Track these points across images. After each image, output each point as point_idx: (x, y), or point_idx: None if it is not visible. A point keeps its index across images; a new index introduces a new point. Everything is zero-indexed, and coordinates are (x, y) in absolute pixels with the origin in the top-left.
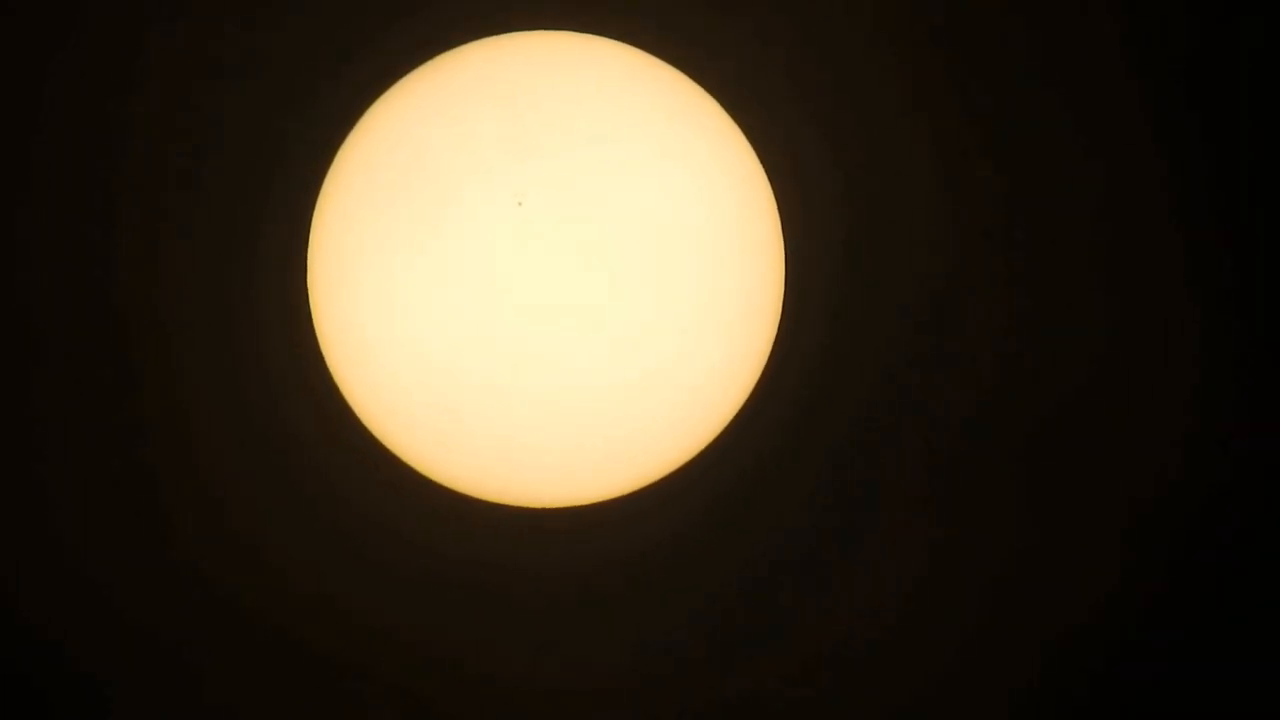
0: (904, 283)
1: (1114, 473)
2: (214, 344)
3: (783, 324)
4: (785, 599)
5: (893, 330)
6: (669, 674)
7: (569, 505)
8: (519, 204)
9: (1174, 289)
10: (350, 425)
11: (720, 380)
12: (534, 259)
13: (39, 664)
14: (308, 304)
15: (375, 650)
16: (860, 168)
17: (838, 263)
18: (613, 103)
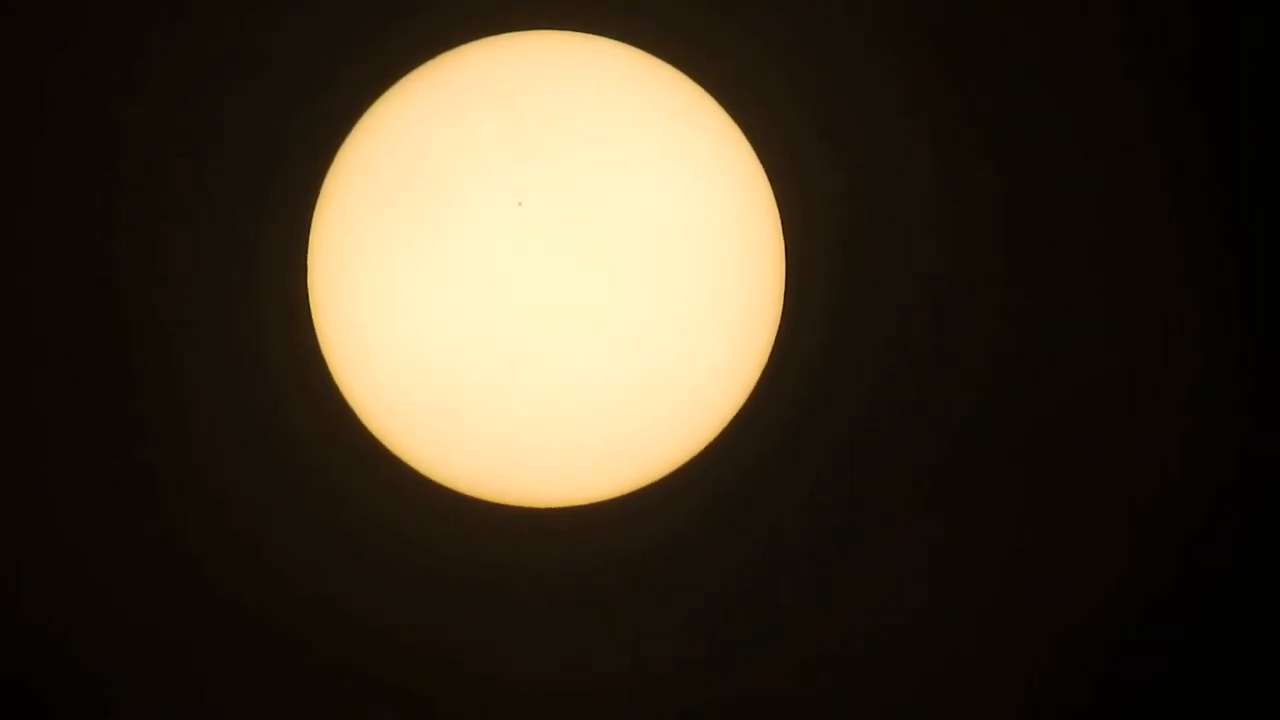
0: (904, 283)
1: (1114, 472)
2: (214, 344)
3: (783, 324)
4: (785, 599)
5: (893, 330)
6: (669, 674)
7: (569, 505)
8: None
9: (1174, 289)
10: (350, 425)
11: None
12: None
13: (39, 663)
14: (308, 304)
15: (375, 650)
16: (860, 168)
17: (838, 263)
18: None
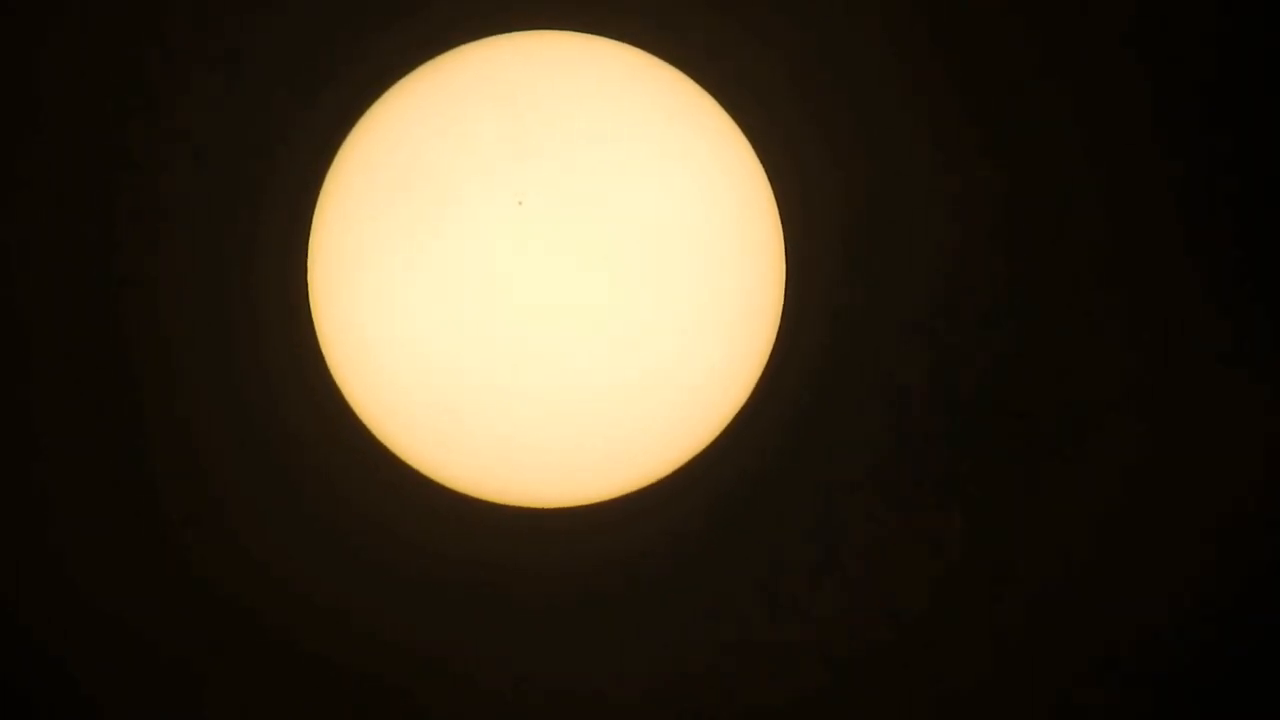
0: (904, 283)
1: (1115, 473)
2: (214, 343)
3: (783, 324)
4: (785, 599)
5: (893, 330)
6: (669, 674)
7: (569, 505)
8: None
9: (1177, 288)
10: (350, 425)
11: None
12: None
13: (38, 664)
14: (308, 304)
15: (375, 650)
16: (860, 167)
17: (838, 263)
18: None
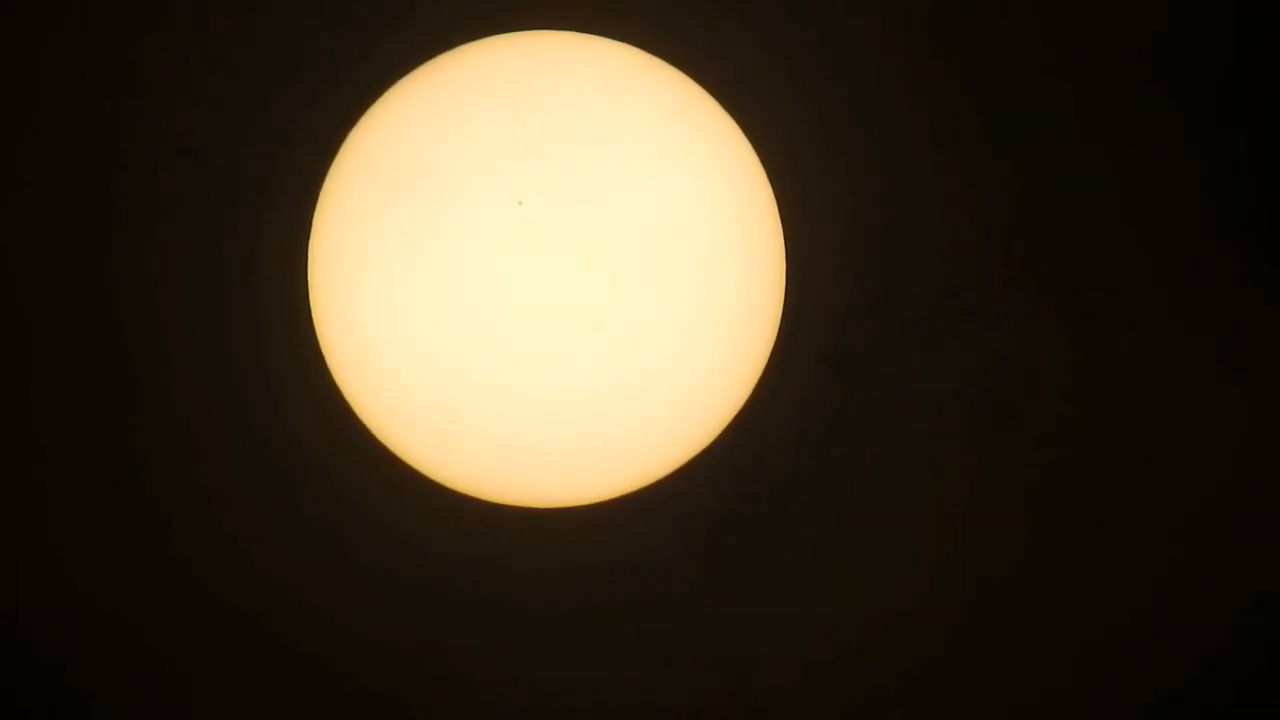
0: (905, 283)
1: (1117, 474)
2: (214, 344)
3: (783, 324)
4: (785, 600)
5: (893, 330)
6: (669, 674)
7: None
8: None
9: (1183, 289)
10: (350, 425)
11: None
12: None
13: (37, 663)
14: (308, 304)
15: (374, 650)
16: (861, 167)
17: (838, 263)
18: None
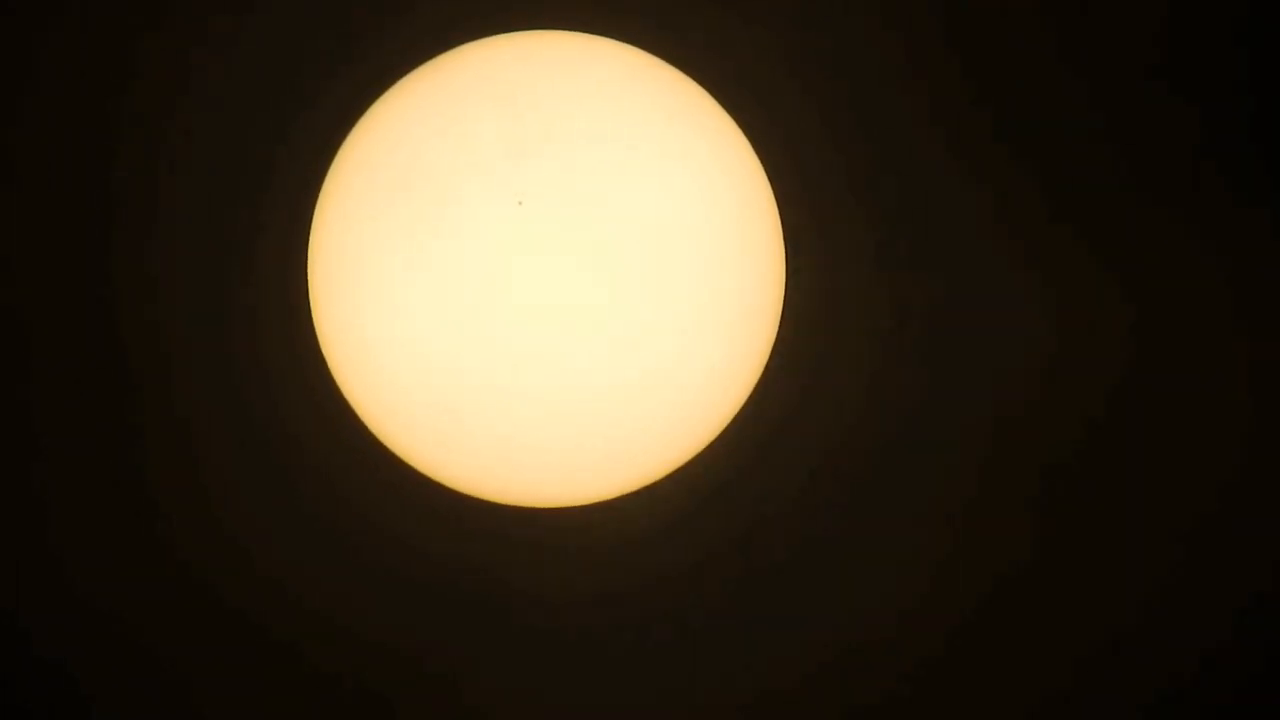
0: (905, 282)
1: (1117, 474)
2: (214, 344)
3: (783, 324)
4: (785, 600)
5: (893, 330)
6: (669, 674)
7: (569, 505)
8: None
9: (1188, 291)
10: (350, 425)
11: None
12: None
13: (36, 663)
14: (308, 304)
15: (374, 650)
16: (861, 167)
17: (838, 262)
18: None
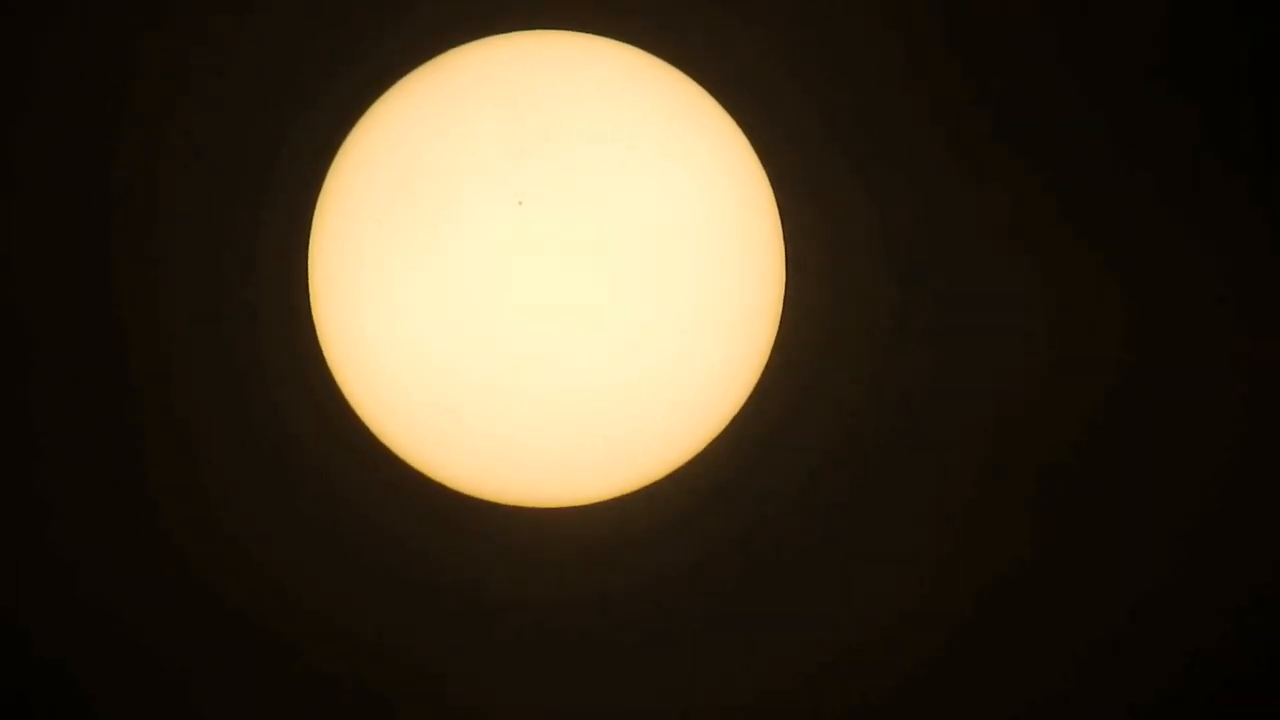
0: (905, 283)
1: (1117, 474)
2: (214, 344)
3: (783, 324)
4: (785, 600)
5: (893, 330)
6: (669, 674)
7: (569, 505)
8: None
9: (1188, 291)
10: (350, 425)
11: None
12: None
13: (36, 663)
14: (308, 304)
15: (374, 650)
16: (861, 167)
17: (838, 262)
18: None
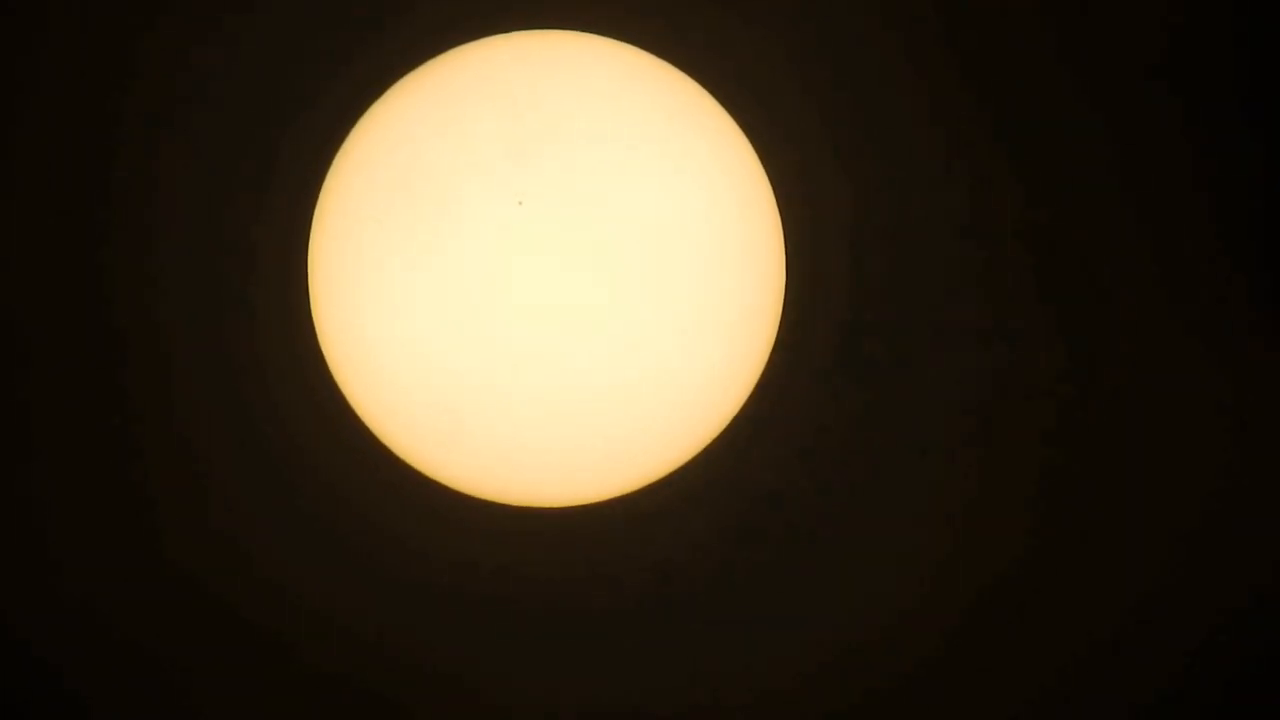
0: (905, 283)
1: (1117, 474)
2: (213, 345)
3: (783, 324)
4: (785, 599)
5: (893, 331)
6: (670, 674)
7: (569, 505)
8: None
9: (1183, 290)
10: (350, 425)
11: (720, 380)
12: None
13: (35, 664)
14: (308, 304)
15: (374, 650)
16: (862, 167)
17: (838, 263)
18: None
